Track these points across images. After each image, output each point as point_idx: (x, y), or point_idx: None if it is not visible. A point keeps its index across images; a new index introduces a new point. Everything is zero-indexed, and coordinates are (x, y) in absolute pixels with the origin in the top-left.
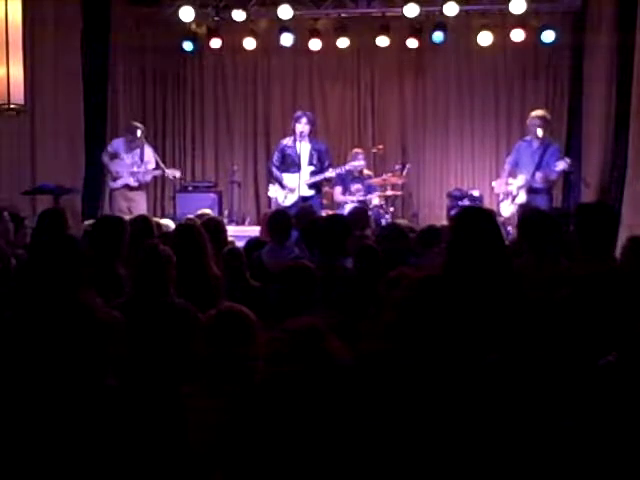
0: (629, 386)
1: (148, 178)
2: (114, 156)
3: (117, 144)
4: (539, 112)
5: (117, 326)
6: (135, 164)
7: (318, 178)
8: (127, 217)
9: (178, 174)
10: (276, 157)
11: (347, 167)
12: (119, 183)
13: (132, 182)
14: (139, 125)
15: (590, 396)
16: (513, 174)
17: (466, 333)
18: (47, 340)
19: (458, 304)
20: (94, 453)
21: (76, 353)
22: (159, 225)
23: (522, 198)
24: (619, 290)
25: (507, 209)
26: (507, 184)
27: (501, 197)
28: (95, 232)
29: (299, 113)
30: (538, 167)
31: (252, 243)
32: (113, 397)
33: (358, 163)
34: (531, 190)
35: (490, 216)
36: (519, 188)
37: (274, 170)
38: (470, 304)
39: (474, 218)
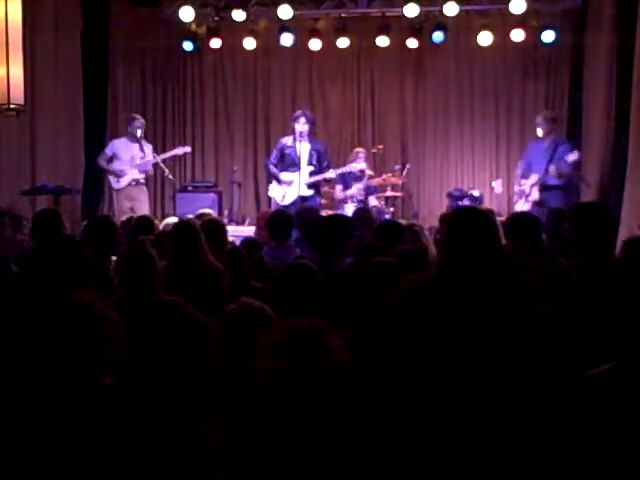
0: (628, 392)
1: (149, 167)
2: (112, 158)
3: (116, 145)
4: (544, 113)
5: (114, 325)
6: (137, 156)
7: (318, 178)
8: (128, 216)
9: (188, 149)
10: (274, 155)
11: (347, 169)
12: (125, 182)
13: (137, 174)
14: (138, 117)
15: (586, 404)
16: (526, 175)
17: (462, 335)
18: (41, 338)
19: (454, 307)
20: (87, 452)
21: (69, 351)
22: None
23: (535, 196)
24: (618, 289)
25: (522, 208)
26: (520, 185)
27: (515, 198)
28: (85, 234)
29: (298, 112)
30: (549, 164)
31: (247, 243)
32: (107, 397)
33: (359, 165)
34: (544, 187)
35: (483, 215)
36: (532, 186)
37: (271, 168)
38: (466, 306)
39: (466, 219)
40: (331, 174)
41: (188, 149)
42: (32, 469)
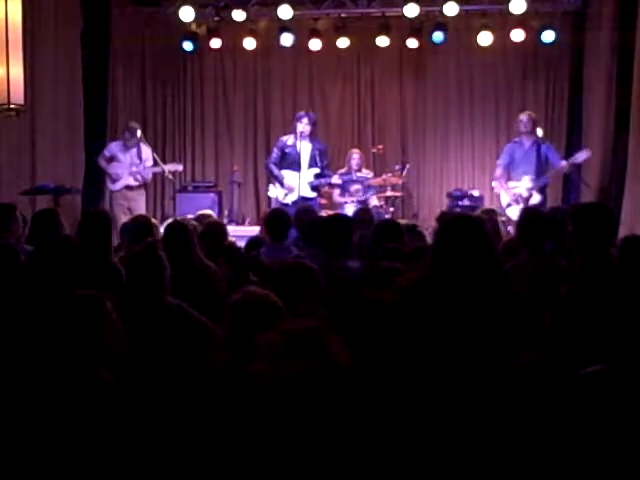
0: (623, 393)
1: (148, 176)
2: (111, 159)
3: (114, 147)
4: (529, 112)
5: (112, 322)
6: (134, 164)
7: (323, 182)
8: (127, 217)
9: (180, 167)
10: (275, 155)
11: (354, 177)
12: (119, 185)
13: (132, 182)
14: (137, 125)
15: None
16: (509, 177)
17: (452, 336)
18: (40, 334)
19: (445, 308)
20: (86, 447)
21: (68, 346)
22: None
23: (537, 199)
24: (617, 290)
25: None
26: (507, 188)
27: (508, 201)
28: (83, 228)
29: (301, 113)
30: (539, 165)
31: (253, 242)
32: (108, 391)
33: (367, 175)
34: (540, 190)
35: (473, 221)
36: (529, 190)
37: (273, 168)
38: (457, 308)
39: (454, 225)
40: (337, 180)
41: (180, 168)
42: (34, 462)
